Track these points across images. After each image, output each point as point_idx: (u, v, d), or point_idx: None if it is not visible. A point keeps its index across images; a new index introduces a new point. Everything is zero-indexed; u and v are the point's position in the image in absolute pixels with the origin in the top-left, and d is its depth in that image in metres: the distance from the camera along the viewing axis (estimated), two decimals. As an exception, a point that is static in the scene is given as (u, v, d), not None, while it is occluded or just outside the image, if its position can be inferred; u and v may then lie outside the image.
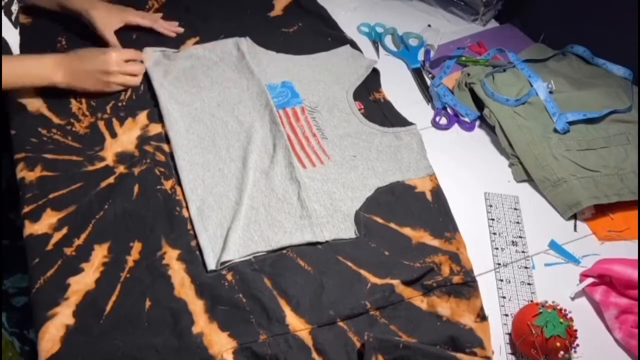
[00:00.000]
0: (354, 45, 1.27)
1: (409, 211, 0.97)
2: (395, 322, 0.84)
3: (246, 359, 0.78)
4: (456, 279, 0.88)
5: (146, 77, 1.12)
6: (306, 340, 0.80)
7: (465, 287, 0.87)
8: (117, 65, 1.07)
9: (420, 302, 0.86)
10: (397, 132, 1.09)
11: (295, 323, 0.81)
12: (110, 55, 1.06)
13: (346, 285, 0.86)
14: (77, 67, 1.04)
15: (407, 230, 0.95)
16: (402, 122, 1.12)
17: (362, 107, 1.14)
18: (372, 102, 1.17)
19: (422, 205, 0.99)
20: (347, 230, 0.93)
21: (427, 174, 1.03)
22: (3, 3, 1.01)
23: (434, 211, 0.98)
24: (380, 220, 0.95)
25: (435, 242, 0.93)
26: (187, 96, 1.09)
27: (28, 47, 1.12)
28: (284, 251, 0.90)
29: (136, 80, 1.11)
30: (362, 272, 0.88)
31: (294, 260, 0.89)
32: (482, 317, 0.85)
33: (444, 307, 0.86)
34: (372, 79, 1.21)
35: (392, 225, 0.95)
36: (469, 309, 0.85)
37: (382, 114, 1.14)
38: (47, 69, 1.02)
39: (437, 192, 1.01)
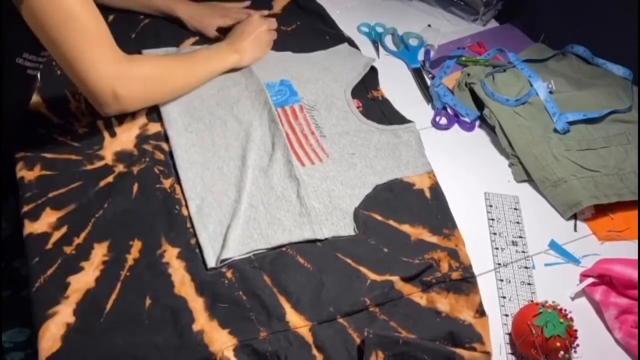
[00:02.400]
0: (351, 43, 1.29)
1: (407, 208, 0.98)
2: (395, 318, 0.85)
3: (247, 356, 0.79)
4: (455, 275, 0.89)
5: None
6: (306, 337, 0.81)
7: (464, 283, 0.89)
8: (265, 23, 1.21)
9: (420, 298, 0.88)
10: (395, 129, 1.11)
11: (296, 320, 0.83)
12: (253, 17, 1.21)
13: (346, 282, 0.87)
14: (247, 43, 1.17)
15: (406, 227, 0.96)
16: (400, 119, 1.14)
17: (360, 105, 1.16)
18: (370, 100, 1.18)
19: (420, 202, 1.00)
20: (346, 228, 0.95)
21: (425, 171, 1.05)
22: None
23: (433, 208, 0.99)
24: (379, 218, 0.97)
25: (434, 239, 0.95)
26: (186, 95, 1.11)
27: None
28: (284, 249, 0.91)
29: (275, 35, 1.25)
30: (362, 269, 0.90)
31: (293, 257, 0.90)
32: (481, 312, 0.86)
33: (443, 303, 0.87)
34: (370, 77, 1.22)
35: (391, 222, 0.97)
36: (468, 305, 0.87)
37: (380, 111, 1.16)
38: (231, 55, 1.15)
39: (436, 189, 1.02)
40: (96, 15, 0.90)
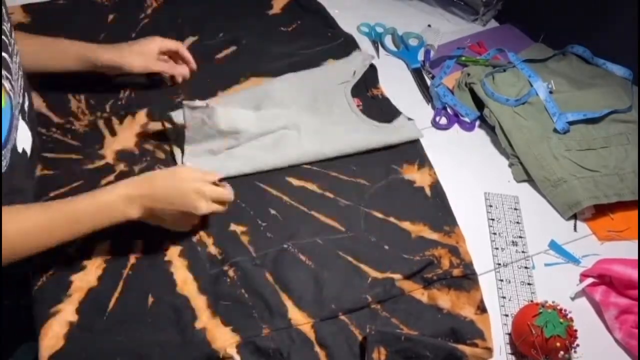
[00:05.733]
0: (352, 41, 1.30)
1: (408, 205, 1.00)
2: (397, 315, 0.87)
3: (250, 353, 0.81)
4: (456, 272, 0.92)
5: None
6: (308, 334, 0.84)
7: (465, 279, 0.91)
8: (207, 206, 0.88)
9: (421, 295, 0.90)
10: (395, 126, 1.13)
11: (298, 317, 0.85)
12: (200, 204, 0.87)
13: (347, 279, 0.90)
14: (155, 207, 0.86)
15: (406, 225, 0.98)
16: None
17: (361, 103, 1.18)
18: (370, 98, 1.20)
19: (421, 199, 1.02)
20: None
21: (426, 166, 1.07)
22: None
23: (433, 205, 1.02)
24: (379, 215, 0.99)
25: (434, 236, 0.97)
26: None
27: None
28: (285, 246, 0.93)
29: (224, 209, 0.92)
30: (363, 266, 0.92)
31: (295, 255, 0.92)
32: (482, 309, 0.88)
33: (445, 299, 0.89)
34: (370, 76, 1.24)
35: (392, 219, 0.99)
36: (469, 301, 0.89)
37: (380, 109, 1.17)
38: (120, 206, 0.84)
39: (436, 186, 1.04)
40: None
